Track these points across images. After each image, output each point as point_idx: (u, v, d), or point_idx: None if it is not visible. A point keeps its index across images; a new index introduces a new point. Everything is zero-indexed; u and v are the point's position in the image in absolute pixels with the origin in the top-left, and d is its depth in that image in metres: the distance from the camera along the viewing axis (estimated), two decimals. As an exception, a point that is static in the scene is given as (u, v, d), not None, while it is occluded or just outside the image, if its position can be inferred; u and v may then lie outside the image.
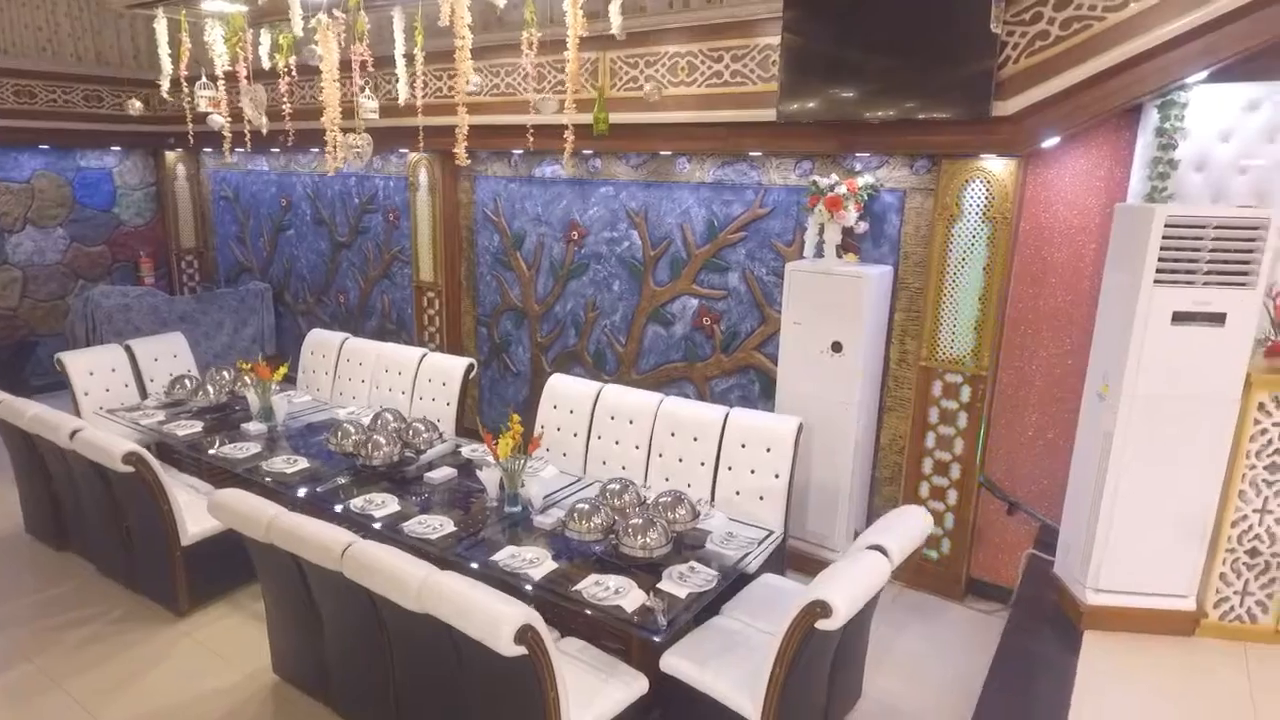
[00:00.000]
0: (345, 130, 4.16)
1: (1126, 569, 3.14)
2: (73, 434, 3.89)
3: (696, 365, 5.32)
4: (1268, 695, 2.78)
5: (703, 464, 4.26)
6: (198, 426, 4.75)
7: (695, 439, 4.28)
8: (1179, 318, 2.89)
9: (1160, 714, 2.73)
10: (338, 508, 3.70)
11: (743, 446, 4.15)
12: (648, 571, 3.19)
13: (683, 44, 4.36)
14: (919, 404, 4.32)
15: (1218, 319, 2.87)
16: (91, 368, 5.39)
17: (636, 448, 4.47)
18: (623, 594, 3.00)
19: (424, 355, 5.44)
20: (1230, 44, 3.06)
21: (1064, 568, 3.39)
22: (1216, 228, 2.81)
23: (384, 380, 5.57)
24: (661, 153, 4.98)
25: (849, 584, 2.60)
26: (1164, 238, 2.82)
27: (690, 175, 5.08)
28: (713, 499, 4.12)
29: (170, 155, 8.39)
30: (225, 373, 5.41)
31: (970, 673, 3.80)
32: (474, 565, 3.20)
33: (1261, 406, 2.94)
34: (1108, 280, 3.21)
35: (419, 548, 3.28)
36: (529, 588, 3.06)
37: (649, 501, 3.60)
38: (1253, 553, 3.08)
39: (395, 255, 6.91)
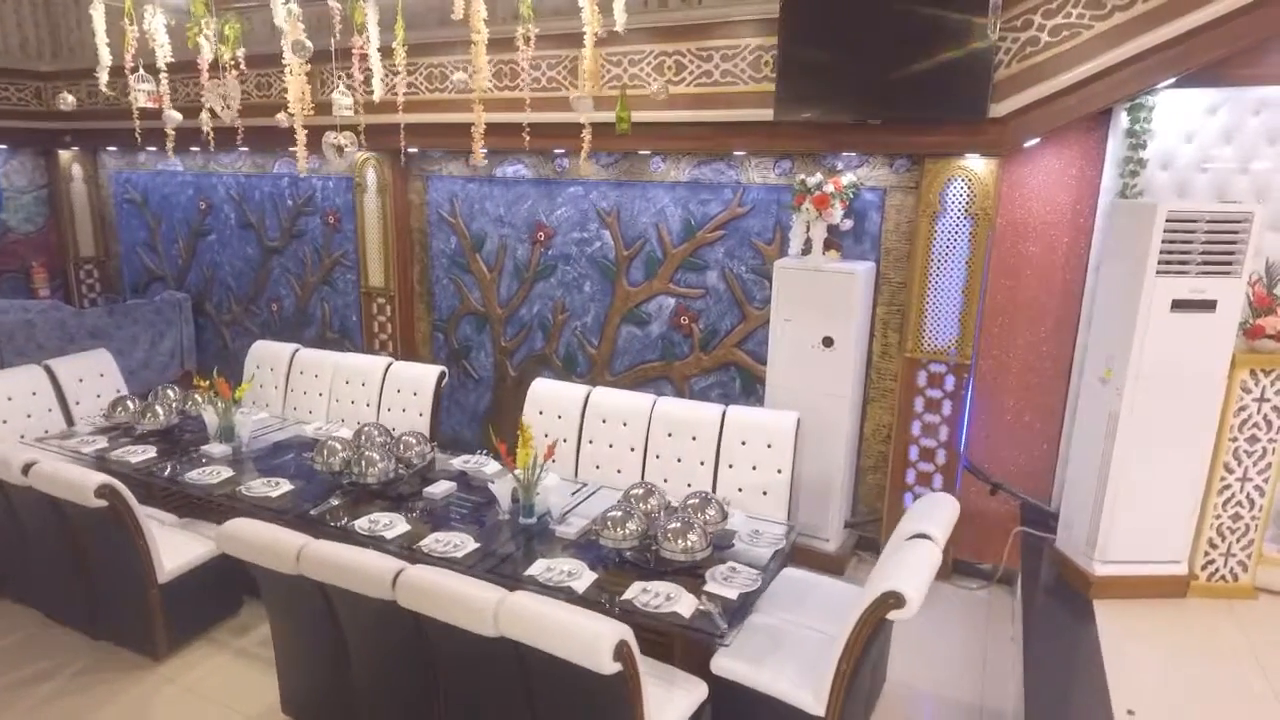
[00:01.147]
0: (325, 128, 3.90)
1: (1129, 540, 3.38)
2: (27, 468, 3.47)
3: (675, 364, 5.33)
4: (1268, 650, 3.06)
5: (702, 463, 4.26)
6: (150, 452, 4.35)
7: (694, 438, 4.28)
8: (1177, 305, 3.13)
9: (1183, 670, 2.96)
10: (336, 529, 3.48)
11: (743, 443, 4.19)
12: (686, 575, 3.17)
13: (669, 43, 4.34)
14: (904, 394, 4.49)
15: (1209, 305, 3.14)
16: (9, 392, 4.84)
17: (631, 450, 4.43)
18: (675, 600, 2.97)
19: (389, 365, 5.19)
20: (1199, 53, 3.34)
21: (1067, 543, 3.61)
22: (1209, 222, 3.07)
23: (344, 392, 5.28)
24: (640, 151, 4.94)
25: (914, 573, 2.67)
26: (1165, 231, 3.05)
27: (665, 175, 5.07)
28: (711, 491, 4.13)
29: (65, 155, 7.62)
30: (169, 391, 4.98)
31: (971, 648, 4.00)
32: (513, 582, 3.09)
33: (1243, 384, 3.23)
34: (1106, 272, 3.44)
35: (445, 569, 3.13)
36: (576, 601, 2.98)
37: (677, 504, 3.58)
38: (1235, 517, 3.39)
39: (337, 260, 6.55)
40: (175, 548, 3.74)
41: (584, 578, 3.13)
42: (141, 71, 4.35)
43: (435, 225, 6.04)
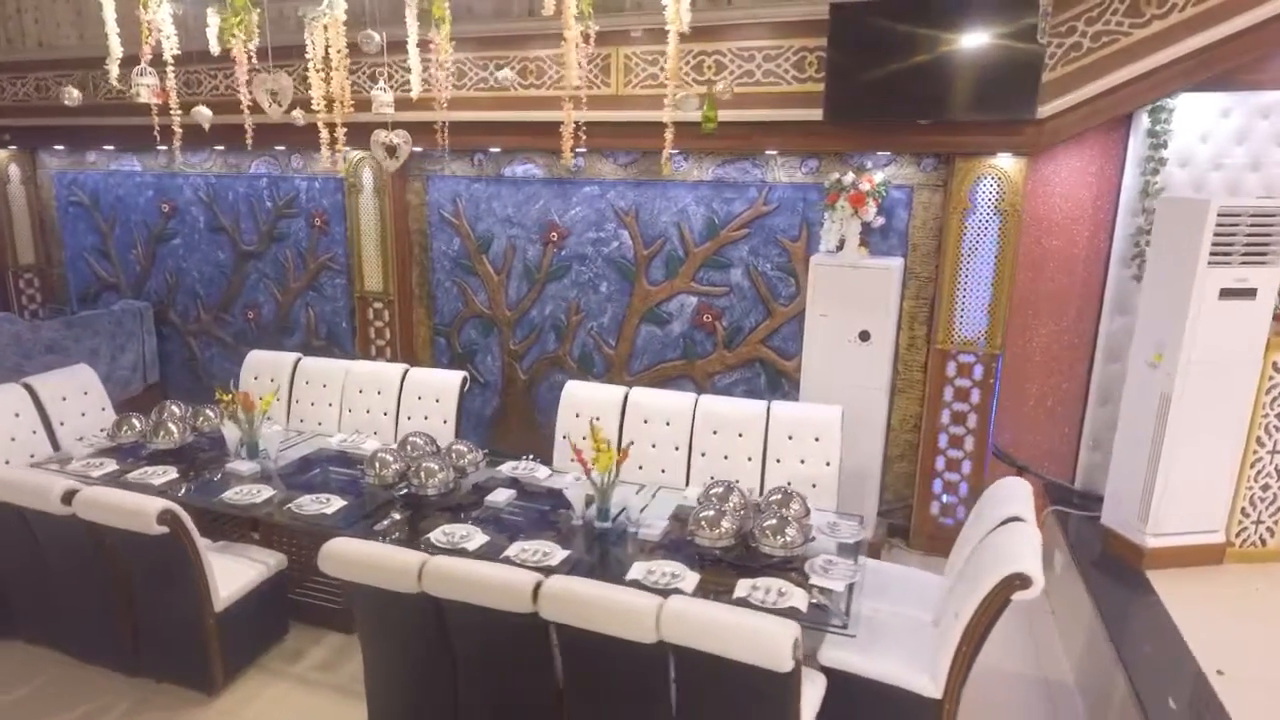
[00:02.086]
0: (375, 126, 3.74)
1: (1176, 514, 3.63)
2: (68, 496, 3.19)
3: (697, 362, 5.35)
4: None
5: (749, 459, 4.31)
6: (170, 473, 4.05)
7: (740, 435, 4.32)
8: (1224, 293, 3.38)
9: (1249, 629, 3.21)
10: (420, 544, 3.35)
11: (789, 438, 4.26)
12: (782, 570, 3.21)
13: (710, 42, 4.36)
14: (934, 384, 4.67)
15: (1251, 293, 3.40)
16: (-12, 415, 4.42)
17: (676, 449, 4.43)
18: (787, 595, 3.00)
19: (406, 371, 5.01)
20: (1220, 60, 3.62)
21: (1115, 518, 3.84)
22: (1252, 216, 3.33)
23: (357, 401, 5.06)
24: (672, 151, 4.92)
25: (1031, 554, 2.79)
26: (1216, 225, 3.29)
27: (688, 174, 5.08)
28: (761, 491, 4.19)
29: (0, 154, 6.98)
30: (174, 407, 4.66)
31: (1015, 623, 4.19)
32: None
33: (1275, 365, 3.53)
34: (1153, 264, 3.67)
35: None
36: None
37: (756, 501, 3.61)
38: (1264, 488, 3.69)
39: (324, 263, 6.26)
40: (225, 573, 3.51)
41: (688, 579, 3.12)
42: (144, 65, 4.06)
43: (436, 226, 5.86)
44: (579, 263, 5.51)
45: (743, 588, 3.06)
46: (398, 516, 3.67)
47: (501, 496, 3.86)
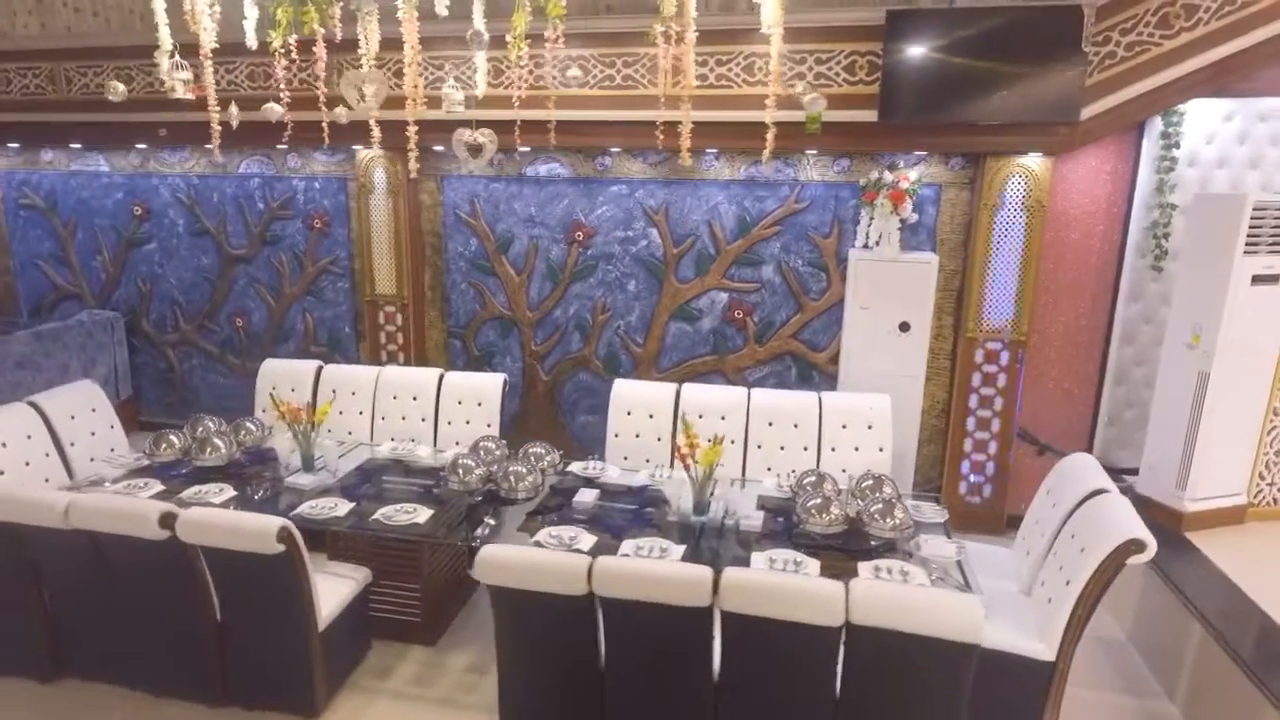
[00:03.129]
0: (458, 125, 3.65)
1: (1210, 480, 4.01)
2: (167, 519, 2.99)
3: (728, 357, 5.46)
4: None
5: (805, 449, 4.47)
6: (227, 490, 3.83)
7: (795, 425, 4.47)
8: (1257, 279, 3.76)
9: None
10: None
11: (843, 427, 4.45)
12: (891, 551, 3.36)
13: (763, 44, 4.46)
14: (963, 370, 4.94)
15: (1275, 279, 3.80)
16: (2, 438, 4.05)
17: (732, 442, 4.51)
18: (910, 574, 3.15)
19: (442, 376, 4.90)
20: (1237, 69, 4.01)
21: (1152, 486, 4.20)
22: (1266, 208, 3.71)
23: (391, 408, 4.91)
24: (708, 150, 5.01)
25: (1137, 521, 3.04)
26: (1251, 218, 3.66)
27: (719, 173, 5.18)
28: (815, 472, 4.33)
29: (-60, 152, 6.35)
30: (209, 421, 4.41)
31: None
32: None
33: (1290, 342, 3.95)
34: (1188, 254, 4.03)
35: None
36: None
37: (846, 488, 3.75)
38: (1278, 453, 4.12)
39: (325, 267, 6.02)
40: (326, 591, 3.37)
41: (810, 565, 3.22)
42: (178, 58, 3.83)
43: (452, 227, 5.73)
44: (606, 262, 5.51)
45: (865, 570, 3.19)
46: (493, 522, 3.62)
47: (587, 496, 3.86)
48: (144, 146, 6.01)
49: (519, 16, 3.58)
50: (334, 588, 3.44)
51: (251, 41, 3.85)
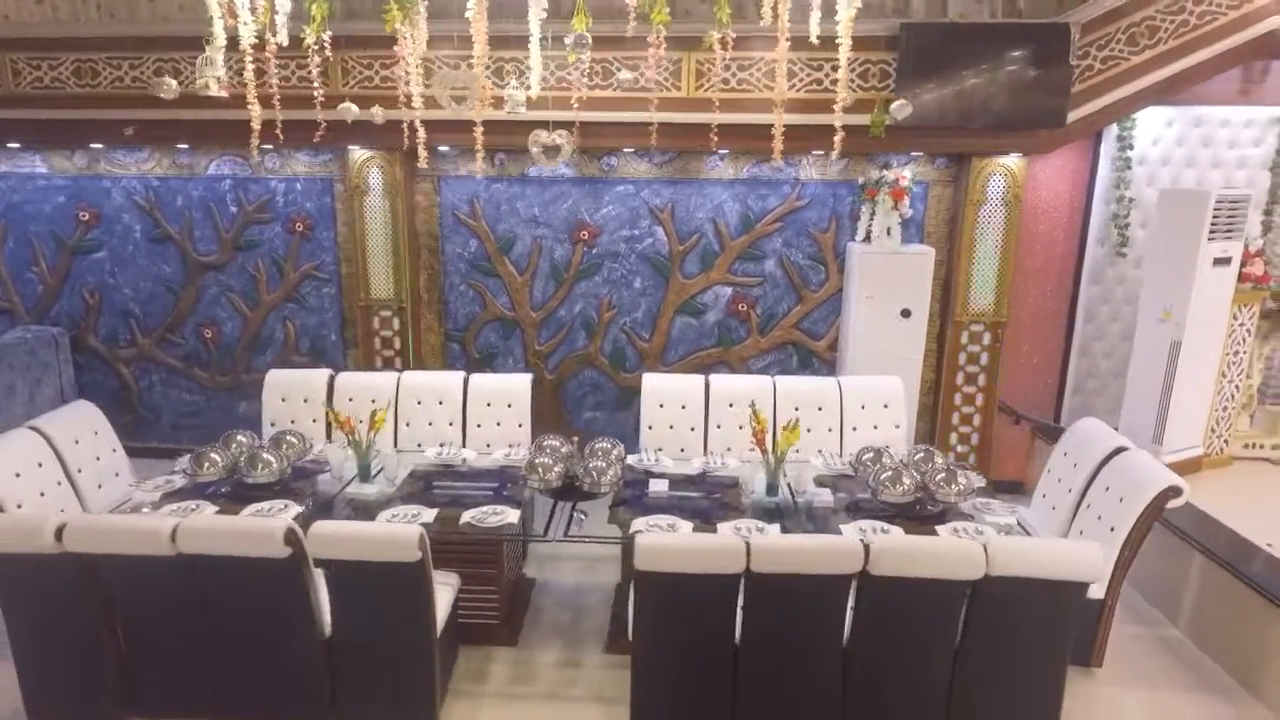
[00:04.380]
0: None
1: (1178, 435, 4.66)
2: (290, 535, 2.88)
3: (732, 349, 5.72)
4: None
5: (830, 429, 4.80)
6: (291, 508, 3.68)
7: (820, 408, 4.79)
8: (1217, 261, 4.42)
9: (1259, 511, 4.23)
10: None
11: (862, 408, 4.81)
12: (955, 514, 3.72)
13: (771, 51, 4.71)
14: (951, 351, 5.44)
15: (1228, 261, 4.47)
16: (15, 467, 3.70)
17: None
18: (984, 533, 3.51)
19: (466, 379, 4.87)
20: (1186, 82, 4.68)
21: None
22: (1231, 202, 4.38)
23: (415, 414, 4.83)
24: (721, 152, 5.22)
25: (1165, 471, 3.54)
26: (1214, 209, 4.30)
27: (722, 173, 5.42)
28: (841, 454, 4.68)
29: None
30: (241, 437, 4.20)
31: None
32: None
33: (1234, 314, 4.66)
34: (1158, 242, 4.65)
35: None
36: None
37: (898, 461, 4.09)
38: (1224, 409, 4.84)
39: (309, 272, 5.77)
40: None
41: (894, 531, 3.53)
42: (208, 53, 3.66)
43: (450, 228, 5.66)
44: (611, 260, 5.63)
45: (945, 532, 3.53)
46: (585, 516, 3.70)
47: (660, 487, 4.00)
48: (99, 146, 5.52)
49: (579, 20, 3.67)
50: (439, 595, 3.41)
51: (283, 38, 3.72)
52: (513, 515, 3.63)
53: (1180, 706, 3.56)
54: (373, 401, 4.85)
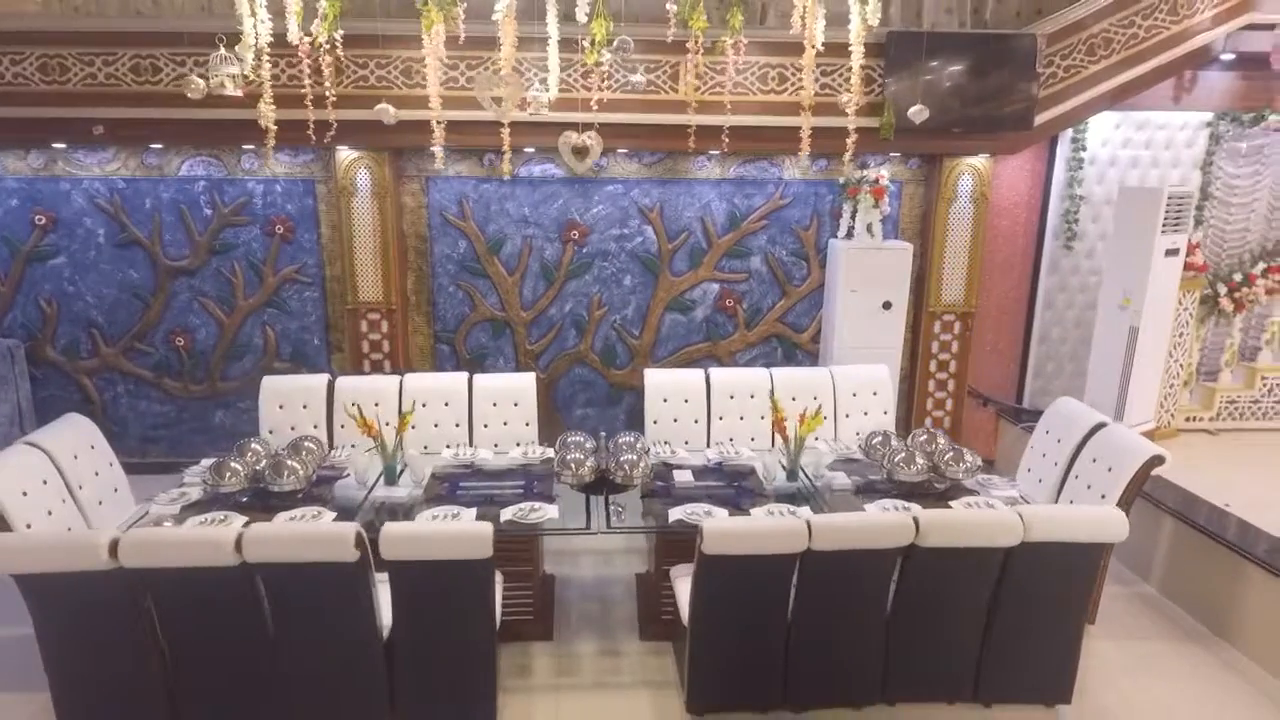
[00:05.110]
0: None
1: (1135, 411, 5.12)
2: (359, 539, 2.87)
3: (720, 343, 5.91)
4: (1228, 454, 5.02)
5: (826, 417, 5.04)
6: (325, 514, 3.64)
7: (815, 398, 5.01)
8: (1168, 252, 4.88)
9: (1213, 475, 4.70)
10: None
11: (854, 395, 5.08)
12: (962, 490, 4.01)
13: (774, 56, 4.92)
14: (925, 340, 5.79)
15: (1176, 251, 4.95)
16: (21, 485, 3.52)
17: (762, 418, 5.00)
18: (995, 505, 3.81)
19: (470, 378, 4.88)
20: (1136, 89, 5.15)
21: (1094, 421, 5.26)
22: (1178, 198, 4.85)
23: (421, 415, 4.79)
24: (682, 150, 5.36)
25: (1146, 442, 3.90)
26: (1167, 205, 4.76)
27: (710, 173, 5.60)
28: (836, 439, 4.93)
29: None
30: (256, 445, 4.09)
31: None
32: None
33: (1180, 300, 5.16)
34: (1116, 236, 5.09)
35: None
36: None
37: (909, 441, 4.35)
38: (1170, 385, 5.35)
39: (290, 276, 5.62)
40: (484, 595, 3.37)
41: (915, 508, 3.77)
42: (223, 52, 3.60)
43: (438, 229, 5.62)
44: (602, 259, 5.72)
45: (959, 506, 3.80)
46: (623, 507, 3.80)
47: (684, 477, 4.13)
48: (60, 146, 5.23)
49: (599, 24, 3.77)
50: (490, 592, 3.45)
51: (294, 36, 3.68)
52: (552, 511, 3.69)
53: (1164, 653, 3.95)
54: (376, 405, 4.79)
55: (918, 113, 3.87)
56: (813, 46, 3.83)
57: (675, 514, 3.67)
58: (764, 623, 3.26)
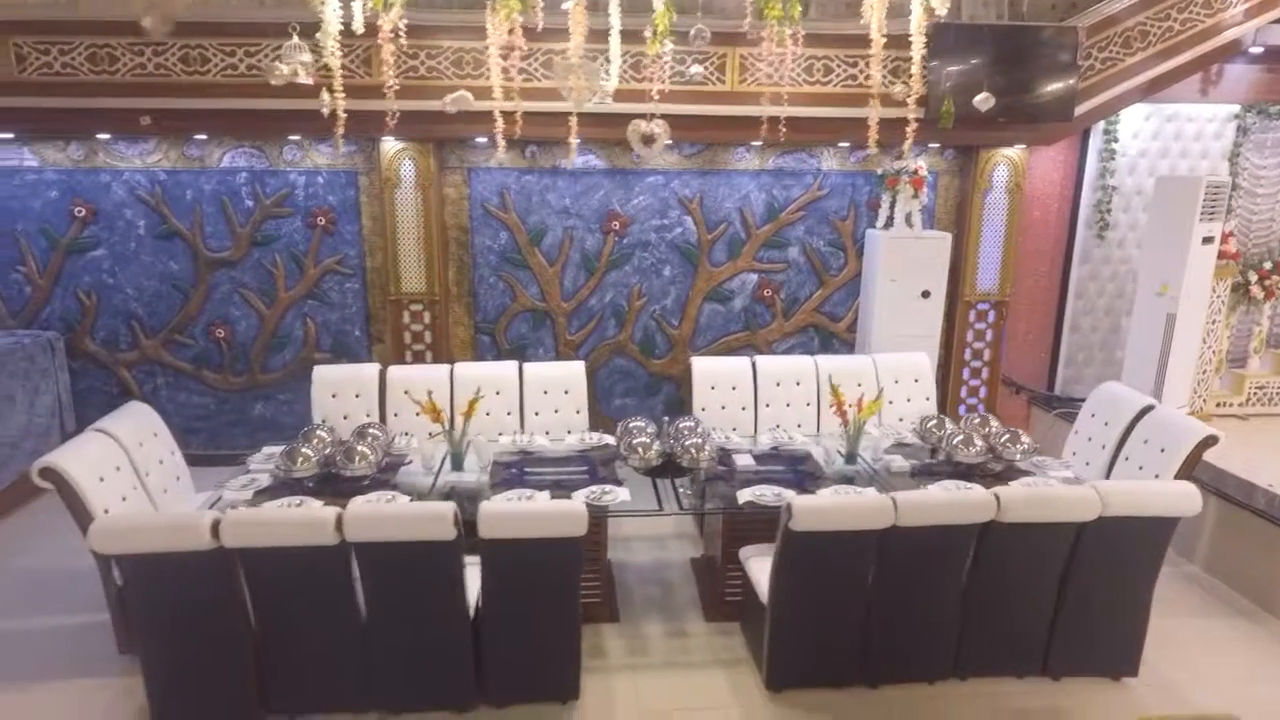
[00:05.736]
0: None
1: (1171, 396, 5.23)
2: (456, 518, 2.90)
3: (759, 332, 5.97)
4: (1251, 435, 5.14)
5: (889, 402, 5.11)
6: (399, 496, 3.67)
7: (859, 385, 5.10)
8: (1205, 240, 4.99)
9: (1262, 455, 4.81)
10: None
11: (896, 382, 5.16)
12: (1017, 473, 4.09)
13: (820, 48, 4.98)
14: (960, 329, 5.88)
15: (1211, 240, 5.06)
16: (99, 472, 3.53)
17: (808, 405, 5.07)
18: (1053, 485, 3.89)
19: (520, 368, 4.92)
20: (1169, 81, 5.25)
21: (1130, 406, 5.36)
22: (1214, 187, 4.96)
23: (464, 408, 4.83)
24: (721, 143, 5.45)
25: (1198, 423, 4.00)
26: (1205, 194, 4.86)
27: (749, 164, 5.66)
28: (880, 424, 5.01)
29: None
30: (321, 433, 4.11)
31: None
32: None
33: (1214, 288, 5.27)
34: (1153, 223, 5.19)
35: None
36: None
37: (960, 426, 4.42)
38: (1203, 371, 5.47)
39: (331, 267, 5.63)
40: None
41: (976, 488, 3.85)
42: (296, 40, 3.62)
43: (479, 221, 5.65)
44: (642, 249, 5.76)
45: (1017, 485, 3.88)
46: (689, 490, 3.85)
47: (746, 461, 4.19)
48: (105, 137, 5.21)
49: (662, 16, 3.81)
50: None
51: (358, 25, 3.70)
52: (624, 493, 3.73)
53: (1218, 628, 4.04)
54: (429, 393, 4.82)
55: (983, 100, 3.95)
56: (882, 35, 3.88)
57: (744, 495, 3.72)
58: (844, 601, 3.33)
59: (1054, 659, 3.50)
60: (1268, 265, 5.68)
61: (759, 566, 3.55)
